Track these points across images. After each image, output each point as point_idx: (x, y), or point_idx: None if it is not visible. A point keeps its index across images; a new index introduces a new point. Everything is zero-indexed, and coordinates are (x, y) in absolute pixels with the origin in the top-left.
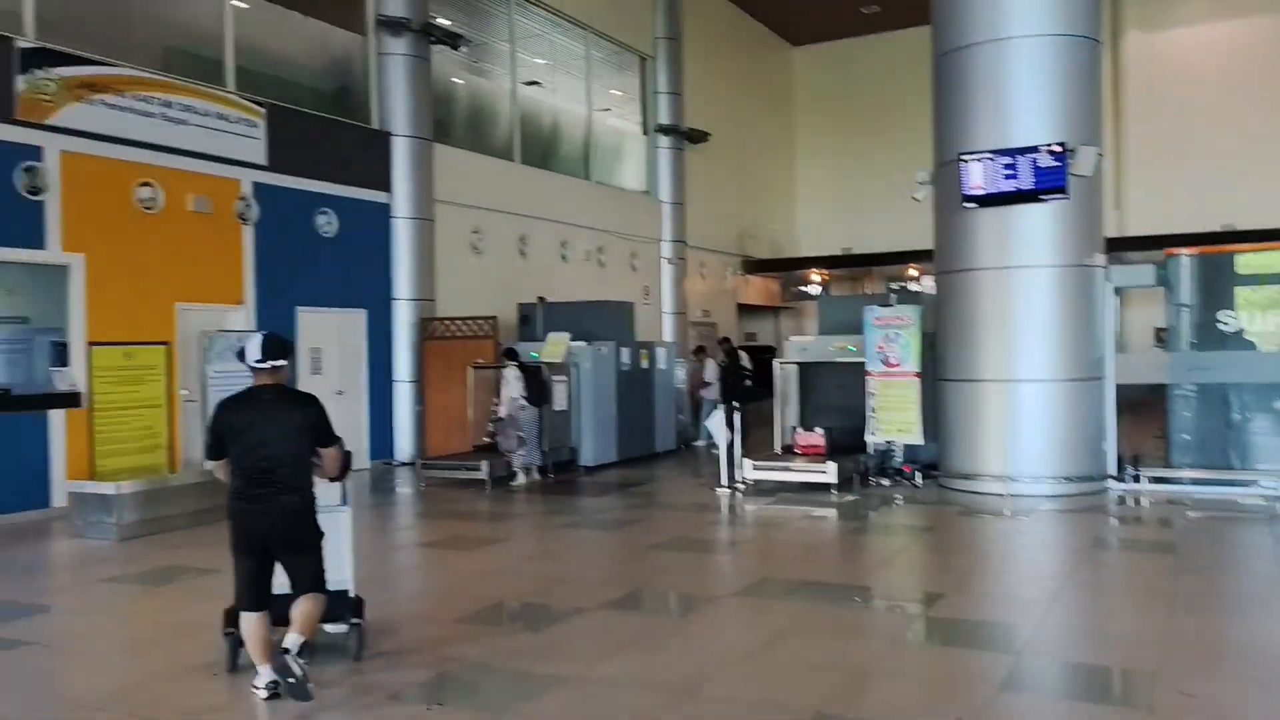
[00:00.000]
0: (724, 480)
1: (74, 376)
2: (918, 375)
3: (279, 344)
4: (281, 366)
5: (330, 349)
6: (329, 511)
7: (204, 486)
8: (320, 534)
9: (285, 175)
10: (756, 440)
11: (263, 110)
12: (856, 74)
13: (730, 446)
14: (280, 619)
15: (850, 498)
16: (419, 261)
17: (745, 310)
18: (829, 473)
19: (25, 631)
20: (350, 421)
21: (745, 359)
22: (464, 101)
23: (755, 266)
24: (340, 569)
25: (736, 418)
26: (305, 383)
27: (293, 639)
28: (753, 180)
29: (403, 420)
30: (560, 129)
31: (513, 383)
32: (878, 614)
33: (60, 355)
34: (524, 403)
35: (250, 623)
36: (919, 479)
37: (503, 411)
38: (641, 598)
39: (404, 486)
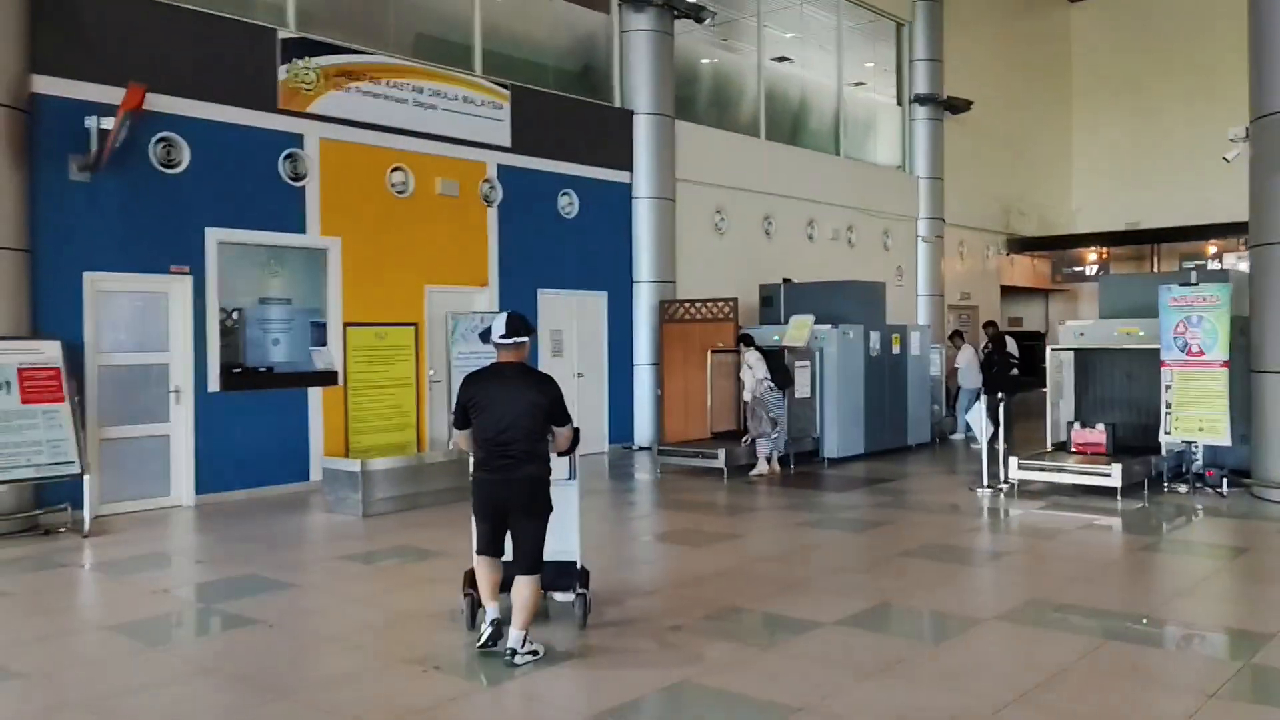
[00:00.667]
0: (984, 480)
1: (331, 356)
2: (1225, 365)
3: (522, 322)
4: (523, 344)
5: (571, 331)
6: (558, 484)
7: (447, 466)
8: (550, 506)
9: (528, 157)
10: (1023, 436)
11: (507, 92)
12: (1145, 28)
13: (992, 441)
14: (504, 585)
15: (1138, 506)
16: (660, 242)
17: (1009, 292)
18: (1113, 475)
19: (261, 609)
20: (589, 405)
21: (1012, 345)
22: (708, 78)
23: (1022, 245)
24: (568, 539)
25: (1001, 410)
26: (546, 365)
27: (515, 636)
28: (1020, 152)
29: (642, 404)
30: (808, 103)
31: (755, 364)
32: (1182, 657)
33: (319, 335)
34: (770, 384)
35: (484, 565)
36: (1225, 487)
37: (748, 395)
38: (888, 615)
39: (641, 472)
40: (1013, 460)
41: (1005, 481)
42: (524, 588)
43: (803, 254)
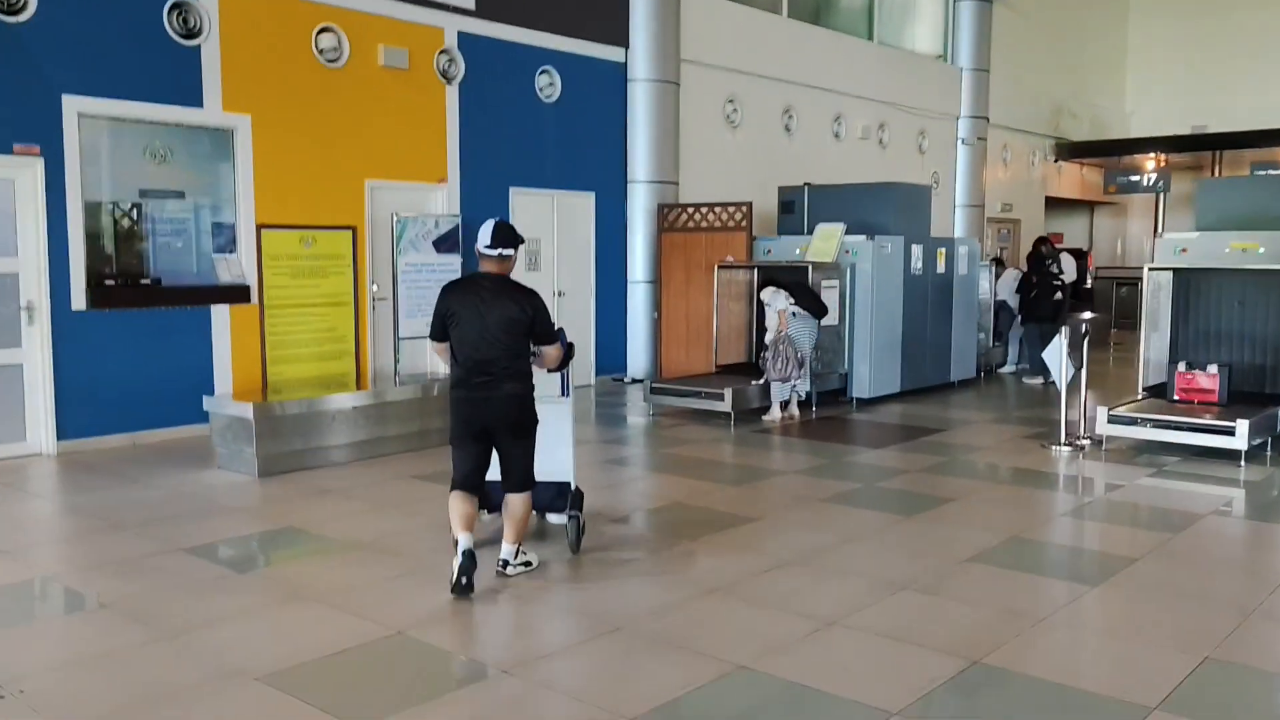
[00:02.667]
0: (1062, 433)
1: (241, 266)
2: None
3: (509, 232)
4: (509, 256)
5: (550, 240)
6: (548, 402)
7: (397, 408)
8: (535, 422)
9: (498, 24)
10: (1095, 376)
11: None
12: None
13: (1075, 387)
14: (493, 506)
15: (1269, 474)
16: (660, 135)
17: (1053, 204)
18: (1239, 435)
19: (20, 658)
20: (573, 329)
21: (1070, 265)
22: None
23: (1071, 151)
24: (560, 460)
25: (1084, 346)
26: (523, 278)
27: (507, 549)
28: (1072, 46)
29: (636, 329)
30: None
31: (772, 298)
32: None
33: (225, 239)
34: (797, 310)
35: (458, 499)
36: None
37: (770, 335)
38: (984, 684)
39: (632, 414)
40: (1100, 411)
41: (1086, 437)
42: (516, 503)
43: (827, 155)
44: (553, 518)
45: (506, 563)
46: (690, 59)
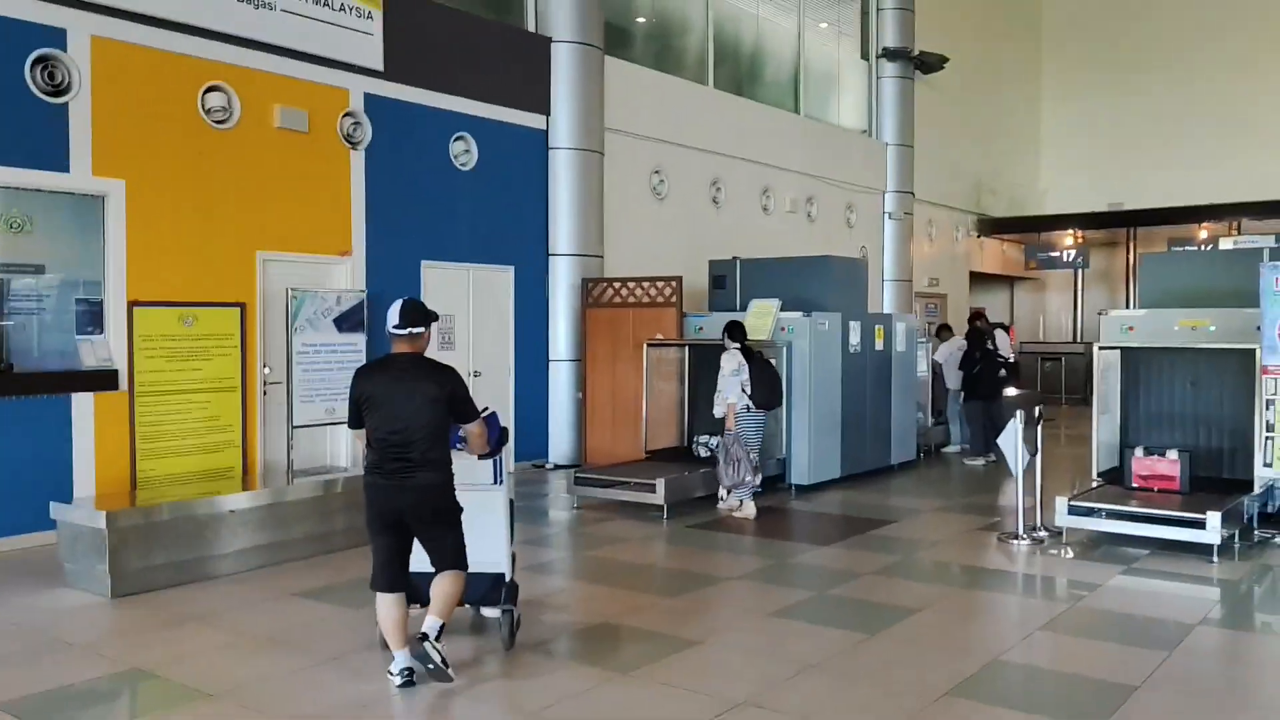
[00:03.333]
0: (1020, 525)
1: (108, 347)
2: None
3: (419, 309)
4: (419, 334)
5: (465, 317)
6: (481, 490)
7: (294, 508)
8: (459, 509)
9: (409, 87)
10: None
11: None
12: None
13: (1030, 474)
14: (424, 600)
15: (1245, 569)
16: (584, 206)
17: (976, 279)
18: (1211, 528)
19: None
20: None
21: (1003, 341)
22: (645, 7)
23: (992, 226)
24: (495, 551)
25: (1039, 431)
26: (435, 355)
27: (430, 622)
28: (990, 124)
29: (560, 410)
30: (763, 49)
31: (730, 379)
32: None
33: (90, 318)
34: (748, 403)
35: (385, 605)
36: None
37: (719, 409)
38: None
39: (554, 507)
40: (1059, 501)
41: (1043, 528)
42: (445, 579)
43: (756, 227)
44: (487, 611)
45: (426, 636)
46: (615, 128)
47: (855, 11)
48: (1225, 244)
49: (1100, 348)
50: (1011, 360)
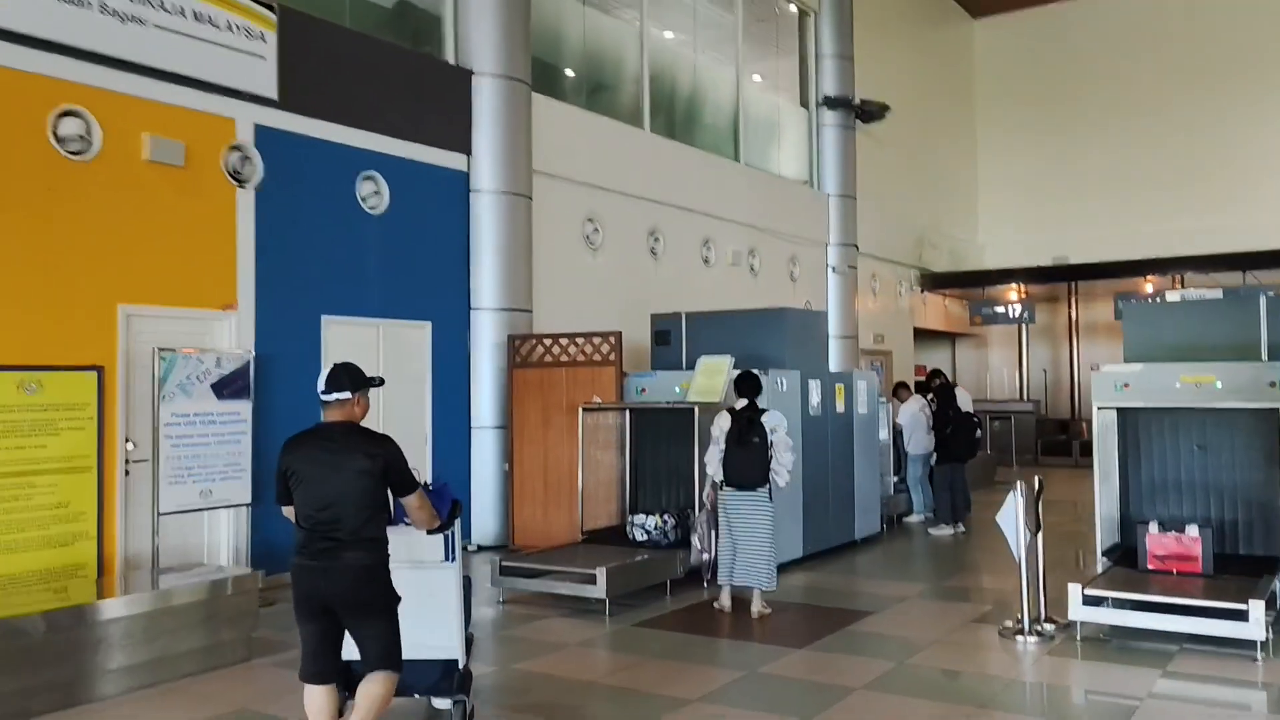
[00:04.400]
0: (1024, 616)
1: None
2: None
3: (347, 373)
4: (346, 400)
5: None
6: (428, 569)
7: (124, 626)
8: (394, 598)
9: (308, 119)
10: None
11: (274, 17)
12: (1056, 49)
13: (1031, 556)
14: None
15: None
16: (510, 256)
17: (918, 335)
18: (1254, 619)
19: None
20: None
21: (965, 399)
22: (575, 41)
23: (935, 281)
24: (447, 636)
25: (1039, 504)
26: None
27: None
28: (929, 175)
29: (484, 484)
30: (701, 94)
31: (715, 446)
32: None
33: None
34: (720, 475)
35: (313, 697)
36: None
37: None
38: None
39: (476, 600)
40: (1072, 590)
41: (1049, 621)
42: (373, 683)
43: (697, 281)
44: (438, 702)
45: None
46: (544, 171)
47: (794, 59)
48: (1172, 297)
49: (1100, 408)
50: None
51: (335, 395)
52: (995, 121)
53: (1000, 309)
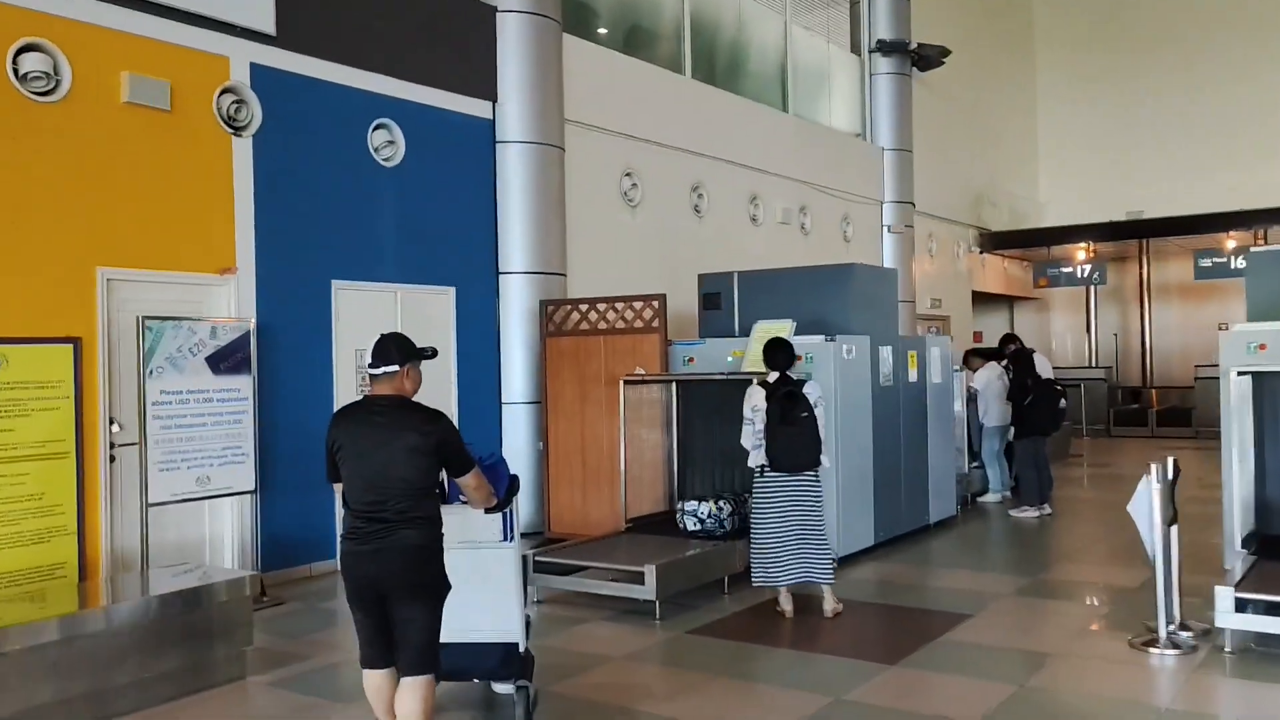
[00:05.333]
0: (1161, 627)
1: None
2: None
3: (394, 344)
4: (394, 374)
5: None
6: (485, 549)
7: (104, 641)
8: (444, 585)
9: (311, 58)
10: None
11: None
12: None
13: (1168, 552)
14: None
15: None
16: (542, 213)
17: (976, 300)
18: None
19: None
20: None
21: (1044, 366)
22: None
23: (997, 241)
24: (507, 618)
25: (1175, 490)
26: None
27: None
28: (988, 129)
29: (517, 467)
30: (746, 36)
31: (749, 426)
32: None
33: None
34: (761, 460)
35: (371, 680)
36: None
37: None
38: None
39: None
40: (1221, 593)
41: (1183, 628)
42: (409, 696)
43: (744, 241)
44: (498, 687)
45: None
46: (577, 120)
47: (845, 1)
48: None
49: (1238, 373)
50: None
51: (382, 369)
52: (1056, 67)
53: (1068, 269)
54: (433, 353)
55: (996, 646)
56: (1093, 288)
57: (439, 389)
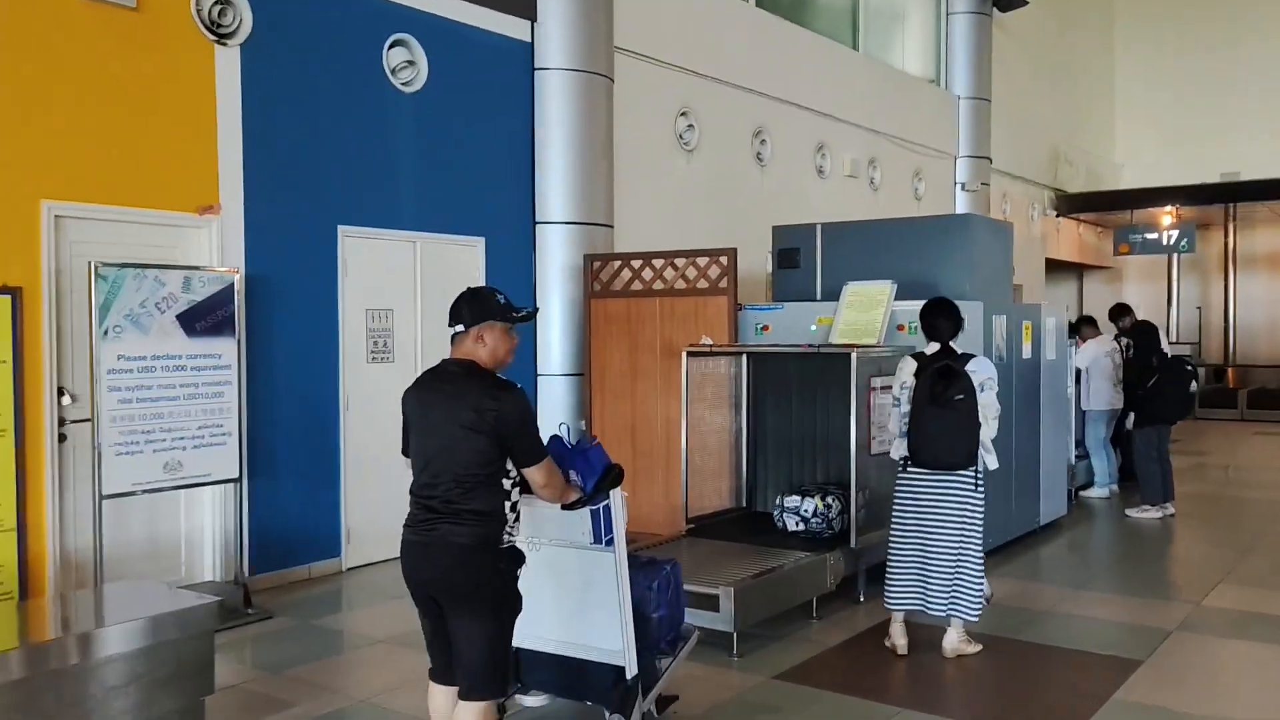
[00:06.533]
0: None
1: None
2: None
3: (466, 302)
4: (462, 335)
5: (410, 311)
6: (588, 550)
7: (30, 687)
8: (504, 596)
9: None
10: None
11: None
12: None
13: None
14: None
15: None
16: (587, 154)
17: (1051, 268)
18: None
19: None
20: None
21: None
22: None
23: (1075, 204)
24: (609, 637)
25: None
26: (364, 373)
27: None
28: (1064, 81)
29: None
30: None
31: (896, 410)
32: None
33: None
34: (903, 451)
35: (433, 698)
36: None
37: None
38: None
39: None
40: None
41: None
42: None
43: (810, 194)
44: (611, 717)
45: None
46: (628, 48)
47: None
48: None
49: None
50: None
51: (451, 328)
52: (1138, 12)
53: (1152, 235)
54: (524, 314)
55: (1202, 715)
56: (1175, 257)
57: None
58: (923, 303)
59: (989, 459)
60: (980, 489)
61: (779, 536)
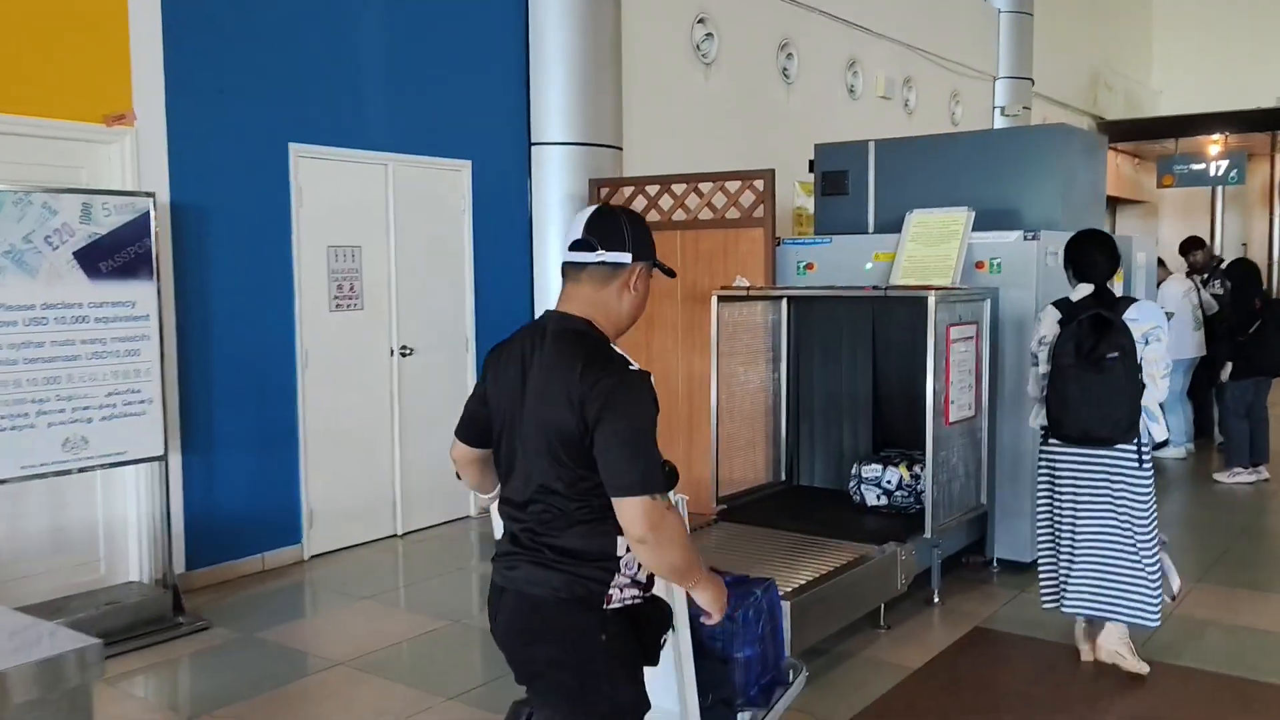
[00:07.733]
0: None
1: None
2: None
3: (601, 222)
4: (588, 269)
5: (382, 248)
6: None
7: None
8: (604, 680)
9: None
10: None
11: None
12: None
13: None
14: None
15: None
16: (591, 63)
17: None
18: None
19: None
20: (424, 417)
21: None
22: None
23: (1115, 131)
24: (664, 692)
25: None
26: (325, 324)
27: None
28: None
29: None
30: None
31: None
32: None
33: None
34: (1042, 420)
35: None
36: None
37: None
38: None
39: None
40: None
41: None
42: None
43: (839, 117)
44: None
45: None
46: None
47: None
48: None
49: None
50: None
51: (573, 255)
52: None
53: (1198, 166)
54: (672, 272)
55: None
56: (1219, 190)
57: (446, 298)
58: (1012, 233)
59: (1155, 429)
60: (1147, 465)
61: (881, 510)
